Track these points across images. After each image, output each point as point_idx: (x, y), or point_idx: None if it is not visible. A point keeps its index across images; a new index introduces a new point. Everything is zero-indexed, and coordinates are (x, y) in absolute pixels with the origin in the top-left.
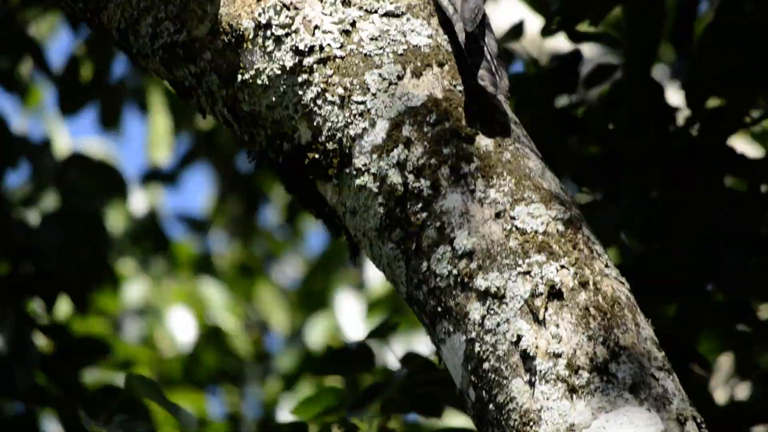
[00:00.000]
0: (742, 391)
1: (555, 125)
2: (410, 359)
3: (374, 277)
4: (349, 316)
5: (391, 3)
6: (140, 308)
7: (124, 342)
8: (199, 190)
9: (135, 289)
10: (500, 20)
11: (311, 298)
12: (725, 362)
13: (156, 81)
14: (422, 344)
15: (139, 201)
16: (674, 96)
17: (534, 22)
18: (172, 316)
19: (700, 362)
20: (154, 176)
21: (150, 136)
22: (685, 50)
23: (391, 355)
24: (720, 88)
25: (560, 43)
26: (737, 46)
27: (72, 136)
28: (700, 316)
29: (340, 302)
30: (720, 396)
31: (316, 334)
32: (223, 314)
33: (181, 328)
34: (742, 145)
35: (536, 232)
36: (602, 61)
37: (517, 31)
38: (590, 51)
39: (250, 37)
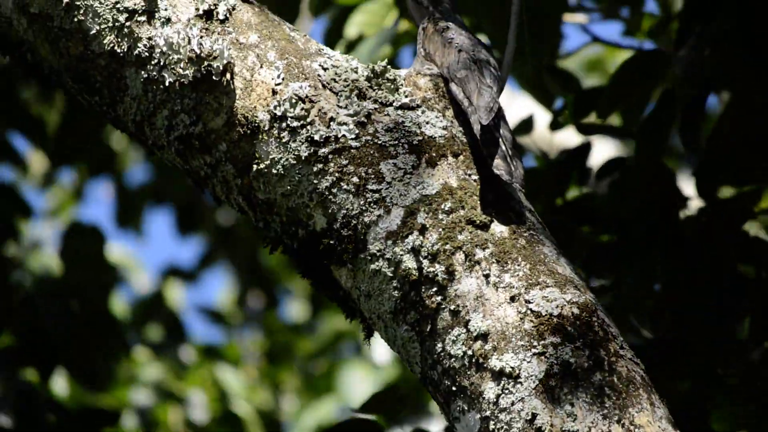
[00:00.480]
0: None
1: (566, 216)
2: None
3: (384, 358)
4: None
5: (406, 96)
6: (155, 388)
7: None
8: (219, 285)
9: (150, 371)
10: (511, 115)
11: (322, 380)
12: None
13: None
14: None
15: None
16: (686, 185)
17: (543, 117)
18: (188, 398)
19: None
20: (174, 272)
21: None
22: (694, 144)
23: None
24: (731, 179)
25: (569, 136)
26: (748, 140)
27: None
28: (712, 395)
29: (350, 383)
30: None
31: (326, 413)
32: (238, 400)
33: (195, 410)
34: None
35: (551, 315)
36: (613, 155)
37: (527, 125)
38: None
39: (266, 128)
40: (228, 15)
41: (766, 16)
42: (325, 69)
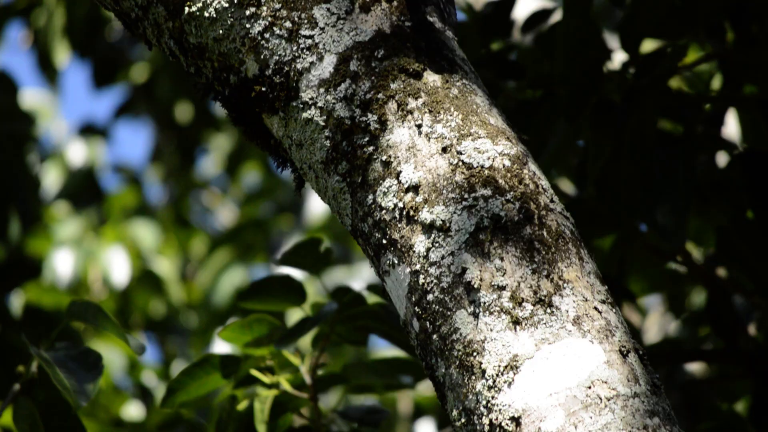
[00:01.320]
0: (673, 330)
1: (491, 69)
2: (341, 293)
3: (314, 213)
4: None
5: None
6: (73, 248)
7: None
8: (136, 142)
9: (68, 229)
10: None
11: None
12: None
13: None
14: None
15: (77, 153)
16: (610, 39)
17: None
18: (105, 257)
19: (630, 299)
20: (90, 129)
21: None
22: None
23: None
24: (655, 32)
25: None
26: None
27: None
28: (632, 253)
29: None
30: (653, 334)
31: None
32: (157, 258)
33: (115, 269)
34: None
35: (482, 166)
36: (538, 7)
37: None
38: None
39: None
40: None
41: None
42: None
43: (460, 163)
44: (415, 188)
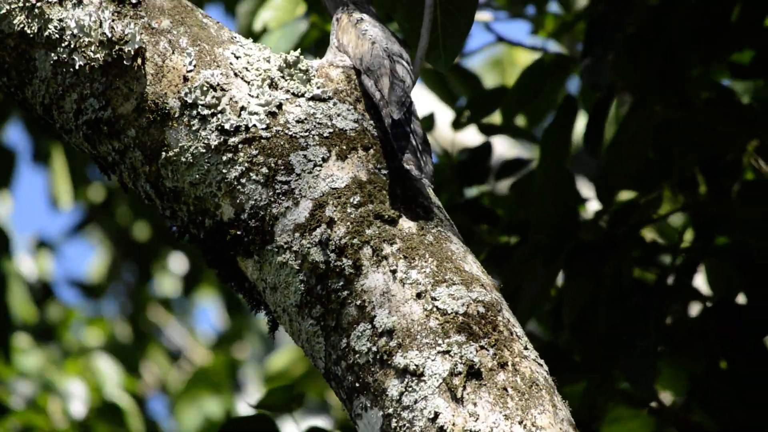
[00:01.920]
0: None
1: (466, 215)
2: None
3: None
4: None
5: (318, 87)
6: (34, 378)
7: (17, 408)
8: (87, 258)
9: (30, 360)
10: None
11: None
12: None
13: (57, 144)
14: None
15: (28, 266)
16: (584, 188)
17: (445, 114)
18: (66, 387)
19: None
20: (43, 244)
21: (52, 189)
22: (597, 148)
23: (294, 429)
24: (630, 183)
25: (471, 135)
26: (647, 145)
27: None
28: (605, 399)
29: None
30: None
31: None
32: (117, 390)
33: (74, 400)
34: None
35: (457, 313)
36: (512, 156)
37: (428, 122)
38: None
39: (176, 115)
40: None
41: (668, 24)
42: (237, 57)
43: (435, 309)
44: (389, 333)
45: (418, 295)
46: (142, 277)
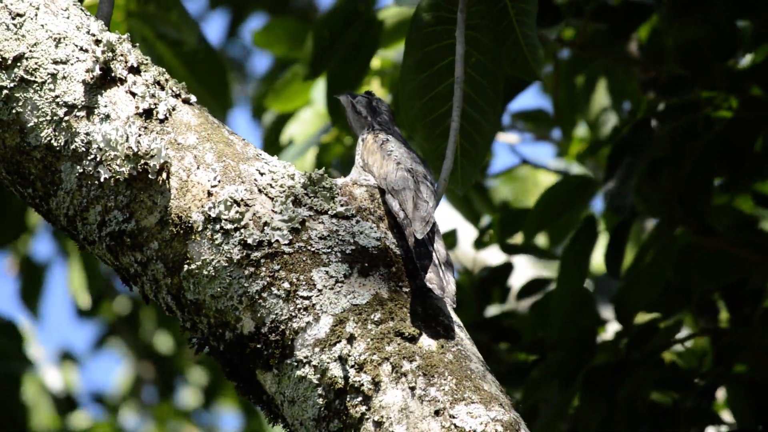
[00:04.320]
0: None
1: (486, 333)
2: None
3: None
4: None
5: (342, 205)
6: None
7: None
8: (112, 370)
9: None
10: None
11: None
12: None
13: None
14: None
15: (54, 378)
16: (605, 310)
17: (467, 231)
18: None
19: None
20: (69, 356)
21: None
22: (617, 270)
23: None
24: (649, 306)
25: (492, 253)
26: (668, 269)
27: None
28: None
29: None
30: None
31: None
32: None
33: None
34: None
35: (475, 431)
36: (534, 274)
37: (450, 240)
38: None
39: (199, 229)
40: (168, 115)
41: (691, 151)
42: (261, 174)
43: (453, 427)
44: None
45: (437, 413)
46: (165, 390)
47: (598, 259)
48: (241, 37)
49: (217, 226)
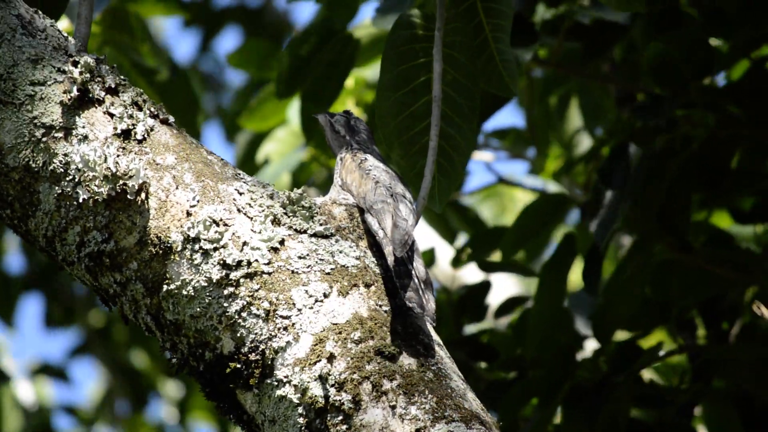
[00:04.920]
0: None
1: (464, 350)
2: None
3: None
4: None
5: (321, 224)
6: None
7: None
8: (86, 382)
9: None
10: None
11: None
12: None
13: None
14: None
15: (27, 392)
16: (582, 327)
17: (445, 250)
18: None
19: None
20: (43, 369)
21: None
22: (594, 287)
23: None
24: (628, 323)
25: (470, 271)
26: (645, 285)
27: None
28: None
29: None
30: None
31: None
32: None
33: None
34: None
35: None
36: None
37: (429, 257)
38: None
39: (178, 249)
40: (146, 135)
41: (670, 168)
42: (240, 193)
43: None
44: None
45: (418, 431)
46: (138, 404)
47: (573, 275)
48: (214, 51)
49: (197, 246)
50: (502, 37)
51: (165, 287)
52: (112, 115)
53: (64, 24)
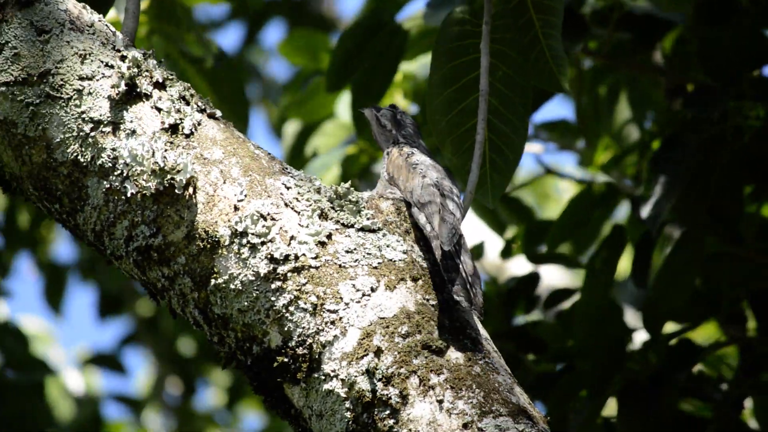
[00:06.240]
0: None
1: (512, 342)
2: None
3: None
4: None
5: (368, 219)
6: None
7: None
8: (136, 370)
9: None
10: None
11: None
12: None
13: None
14: None
15: (76, 381)
16: (631, 318)
17: (494, 242)
18: None
19: None
20: (93, 359)
21: None
22: (643, 281)
23: None
24: (678, 315)
25: (519, 263)
26: (695, 277)
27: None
28: None
29: None
30: None
31: None
32: None
33: None
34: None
35: None
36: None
37: (477, 251)
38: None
39: (226, 243)
40: (193, 130)
41: (721, 160)
42: (288, 188)
43: None
44: None
45: (465, 426)
46: (187, 392)
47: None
48: (259, 43)
49: (244, 241)
50: (552, 34)
51: (213, 281)
52: (159, 110)
53: (111, 17)
